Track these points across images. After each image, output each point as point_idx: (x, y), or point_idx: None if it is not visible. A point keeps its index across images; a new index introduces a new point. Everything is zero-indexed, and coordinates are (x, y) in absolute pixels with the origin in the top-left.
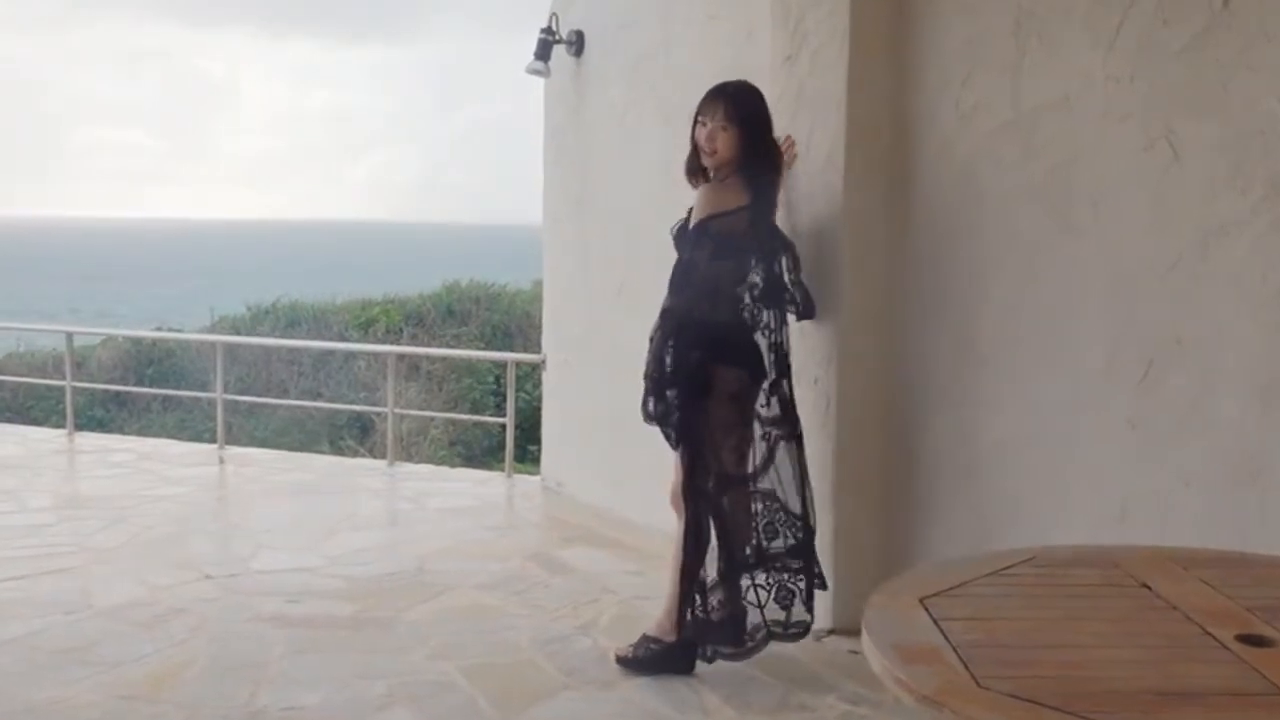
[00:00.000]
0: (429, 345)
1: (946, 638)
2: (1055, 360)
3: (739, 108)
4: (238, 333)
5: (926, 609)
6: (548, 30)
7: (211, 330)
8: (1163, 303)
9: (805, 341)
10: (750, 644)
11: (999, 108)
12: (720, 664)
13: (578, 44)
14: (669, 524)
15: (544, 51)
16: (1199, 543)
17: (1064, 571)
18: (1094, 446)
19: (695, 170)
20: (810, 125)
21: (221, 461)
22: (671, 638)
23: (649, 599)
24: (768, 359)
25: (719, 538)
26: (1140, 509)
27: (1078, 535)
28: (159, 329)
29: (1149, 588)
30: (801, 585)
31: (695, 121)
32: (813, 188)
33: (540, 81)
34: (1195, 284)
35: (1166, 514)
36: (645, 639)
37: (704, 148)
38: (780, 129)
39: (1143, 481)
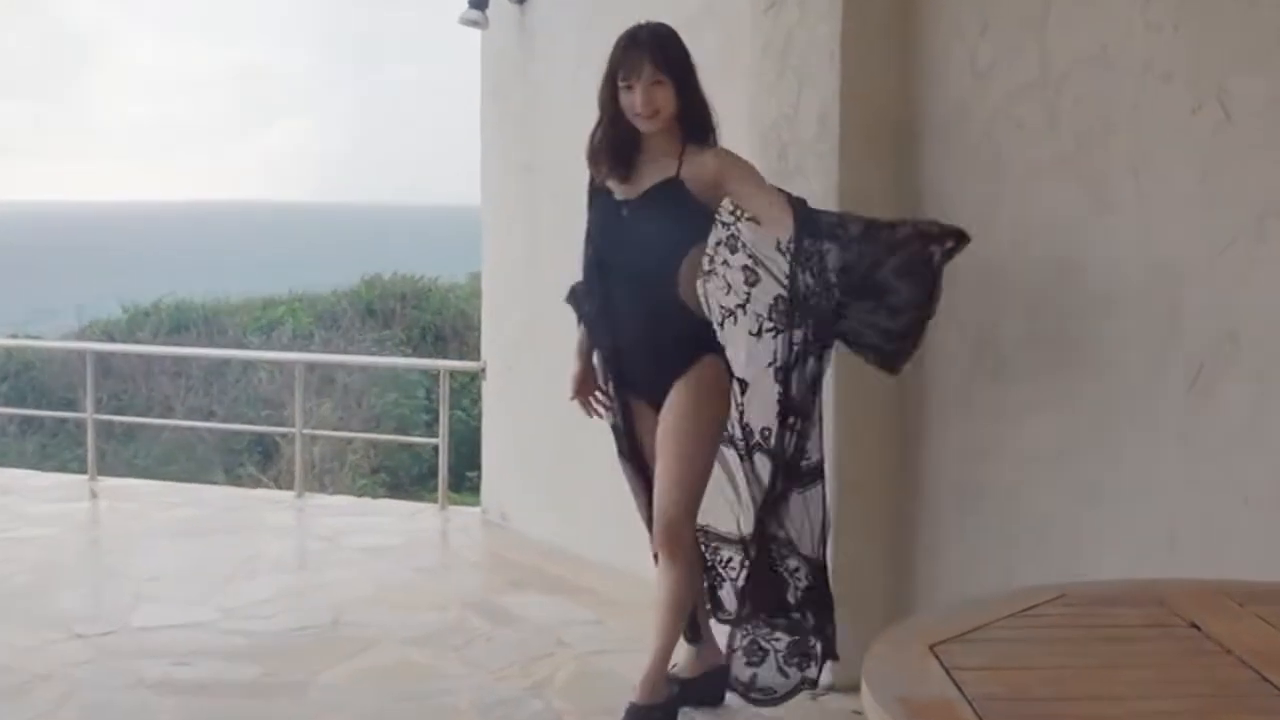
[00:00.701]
0: (345, 352)
1: (961, 690)
2: (1089, 363)
3: (668, 53)
4: (112, 339)
5: (938, 657)
6: None
7: (79, 337)
8: (1215, 293)
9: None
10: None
11: (1022, 64)
12: None
13: None
14: (634, 564)
15: None
16: (1259, 573)
17: (1099, 611)
18: (1136, 463)
19: (621, 149)
20: (799, 85)
21: (94, 495)
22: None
23: (611, 653)
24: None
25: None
26: (1191, 535)
27: (1118, 568)
28: (14, 336)
29: (1198, 628)
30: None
31: (611, 88)
32: (803, 160)
33: (477, 34)
34: (1252, 270)
35: (1222, 541)
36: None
37: (640, 112)
38: (764, 87)
39: (1194, 503)
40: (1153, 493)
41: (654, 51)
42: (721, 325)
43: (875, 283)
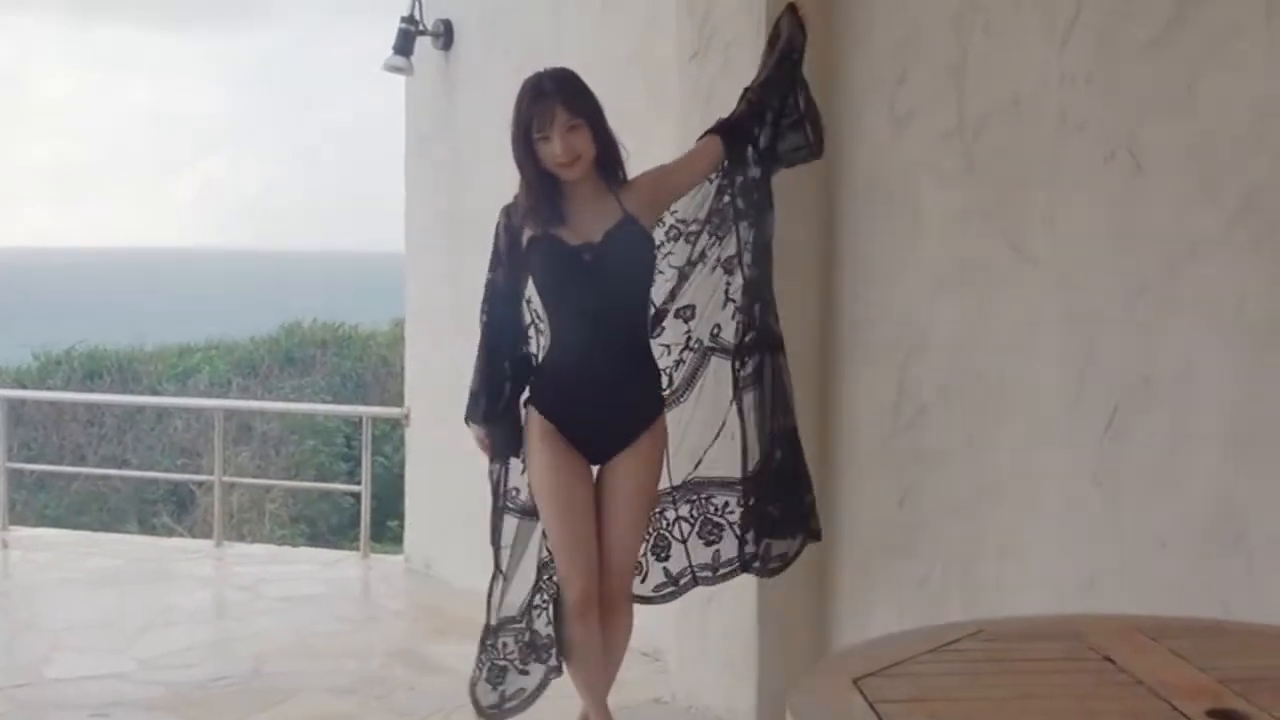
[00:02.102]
0: (263, 399)
1: None
2: (1008, 407)
3: (577, 96)
4: (23, 387)
5: (861, 691)
6: (409, 19)
7: None
8: (1128, 337)
9: (721, 390)
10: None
11: (939, 113)
12: None
13: (445, 35)
14: None
15: (405, 44)
16: (1177, 611)
17: (1017, 645)
18: (1055, 506)
19: (545, 204)
20: None
21: (4, 545)
22: None
23: (544, 697)
24: None
25: None
26: (1110, 576)
27: (1038, 607)
28: None
29: (1112, 661)
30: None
31: (525, 142)
32: None
33: (401, 80)
34: (1164, 315)
35: (1139, 583)
36: None
37: (560, 160)
38: (686, 134)
39: (1112, 545)
40: (1070, 536)
41: (564, 98)
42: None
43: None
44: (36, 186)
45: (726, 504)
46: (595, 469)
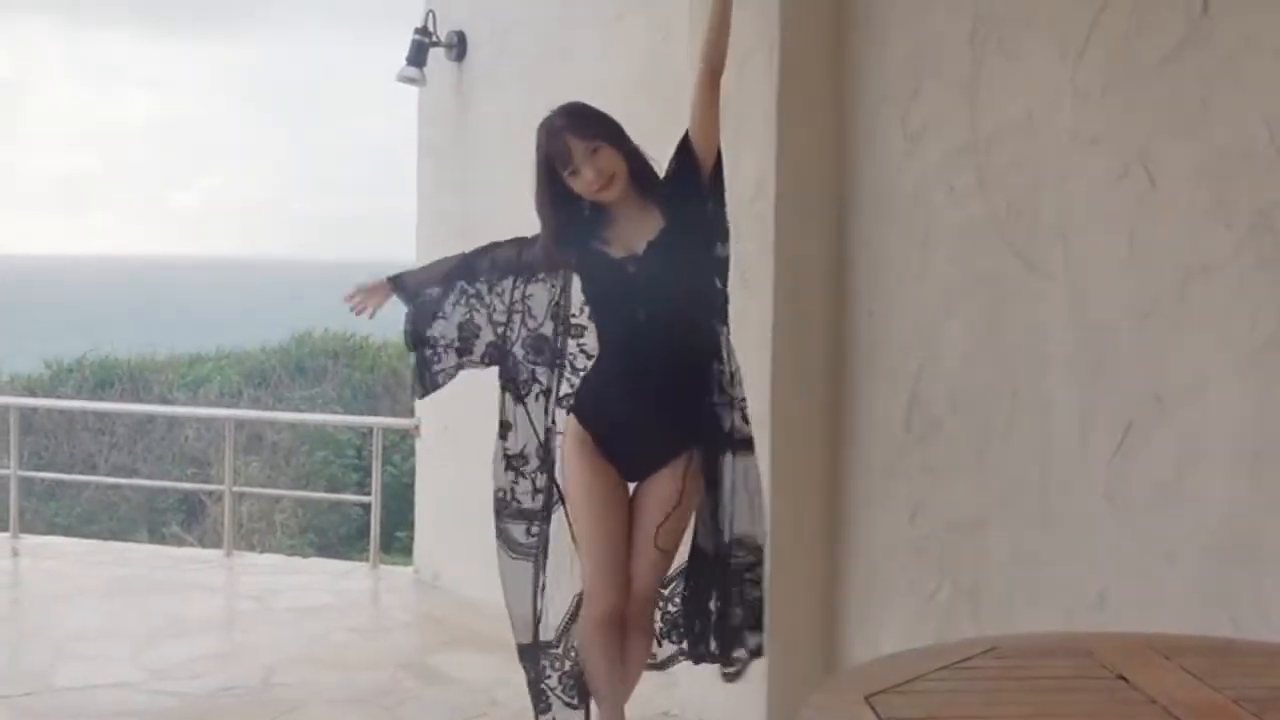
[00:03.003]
0: (274, 410)
1: None
2: (1020, 423)
3: (590, 123)
4: (34, 395)
5: (873, 708)
6: (423, 31)
7: (1, 392)
8: (1140, 355)
9: None
10: None
11: (952, 128)
12: None
13: (459, 47)
14: None
15: (418, 56)
16: (1187, 628)
17: (1030, 663)
18: (1066, 523)
19: (585, 222)
20: (735, 147)
21: (15, 554)
22: None
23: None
24: None
25: None
26: (1121, 593)
27: (1049, 624)
28: None
29: (1125, 679)
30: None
31: (551, 180)
32: (739, 221)
33: (414, 91)
34: (1175, 332)
35: (1150, 599)
36: None
37: (595, 186)
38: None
39: (1123, 562)
40: (1082, 552)
41: (576, 129)
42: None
43: None
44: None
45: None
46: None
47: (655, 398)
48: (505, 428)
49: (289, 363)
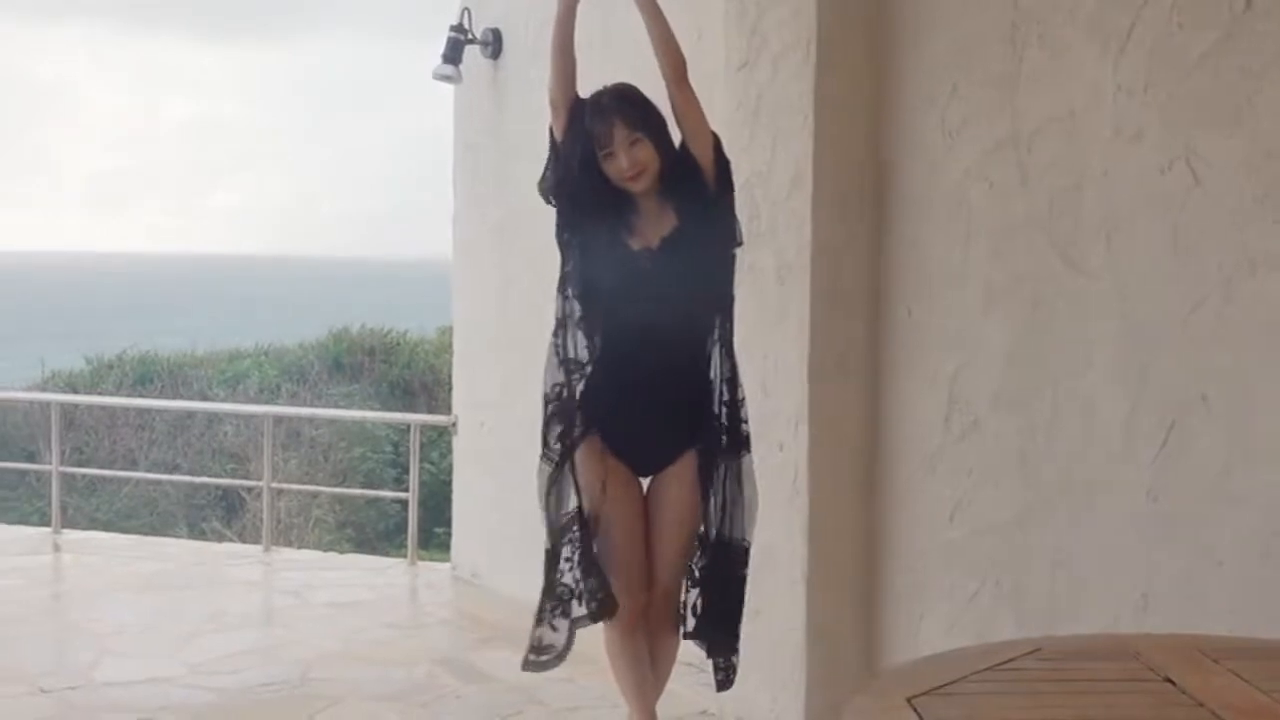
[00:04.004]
0: (312, 406)
1: None
2: (1062, 422)
3: (635, 111)
4: (75, 391)
5: (916, 710)
6: (459, 28)
7: (43, 388)
8: (1185, 353)
9: (769, 401)
10: None
11: (993, 124)
12: None
13: (494, 44)
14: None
15: (454, 53)
16: (1233, 630)
17: (1074, 665)
18: (1109, 523)
19: (608, 211)
20: (772, 143)
21: (56, 549)
22: None
23: (583, 710)
24: None
25: None
26: (1164, 595)
27: (1092, 626)
28: None
29: (1172, 682)
30: None
31: (589, 158)
32: (775, 218)
33: (450, 89)
34: (1221, 330)
35: (1194, 601)
36: None
37: (627, 174)
38: (737, 147)
39: (1166, 563)
40: (1125, 553)
41: (623, 113)
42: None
43: None
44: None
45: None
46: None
47: (663, 392)
48: (560, 326)
49: (326, 359)
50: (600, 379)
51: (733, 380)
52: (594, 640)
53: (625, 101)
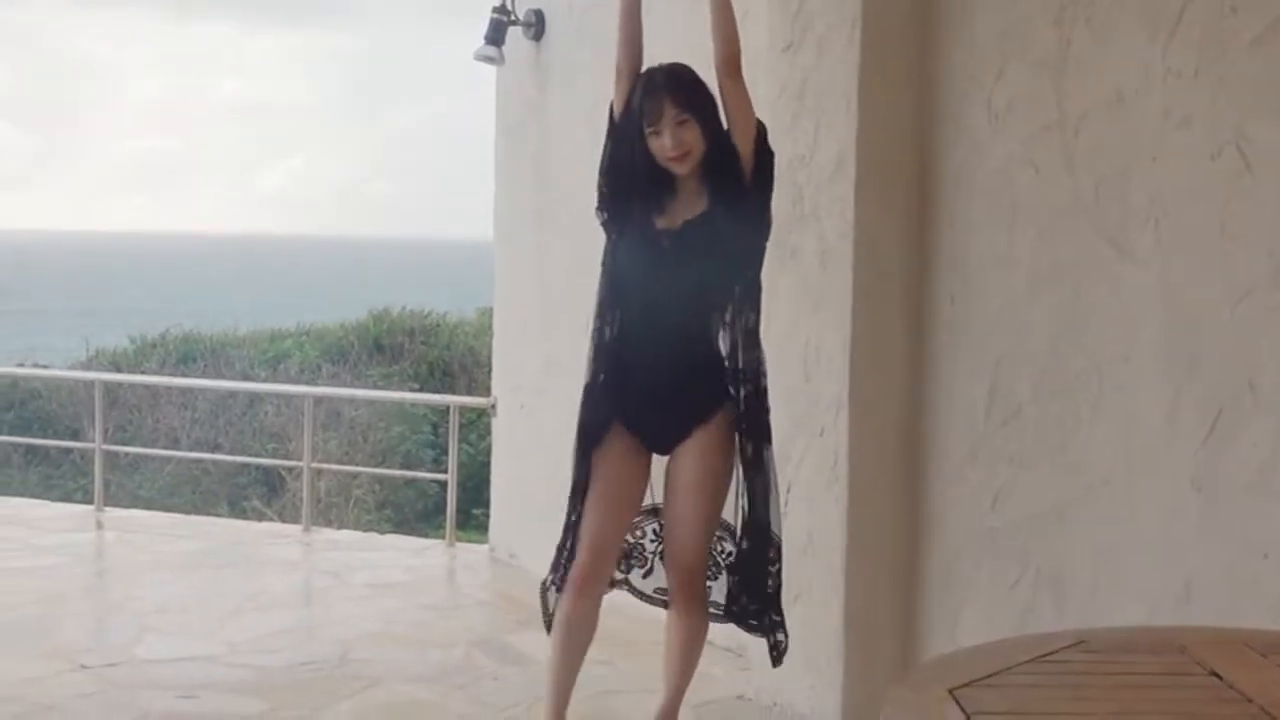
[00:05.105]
0: (352, 387)
1: None
2: (1106, 410)
3: (688, 91)
4: (119, 370)
5: (957, 702)
6: (501, 10)
7: (87, 367)
8: (1233, 341)
9: (809, 386)
10: None
11: (1039, 108)
12: None
13: (537, 26)
14: (647, 605)
15: (497, 34)
16: (1277, 623)
17: (1119, 658)
18: (1152, 513)
19: (647, 189)
20: (815, 126)
21: (99, 526)
22: None
23: (620, 694)
24: None
25: None
26: (1207, 586)
27: (1133, 617)
28: (20, 365)
29: (1219, 676)
30: None
31: (634, 134)
32: (818, 201)
33: (492, 71)
34: (1270, 318)
35: (1239, 592)
36: None
37: (670, 155)
38: (779, 129)
39: (1210, 554)
40: (1168, 543)
41: (674, 92)
42: None
43: None
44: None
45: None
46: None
47: (670, 372)
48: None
49: (367, 340)
50: (617, 356)
51: (756, 370)
52: (633, 624)
53: (677, 81)
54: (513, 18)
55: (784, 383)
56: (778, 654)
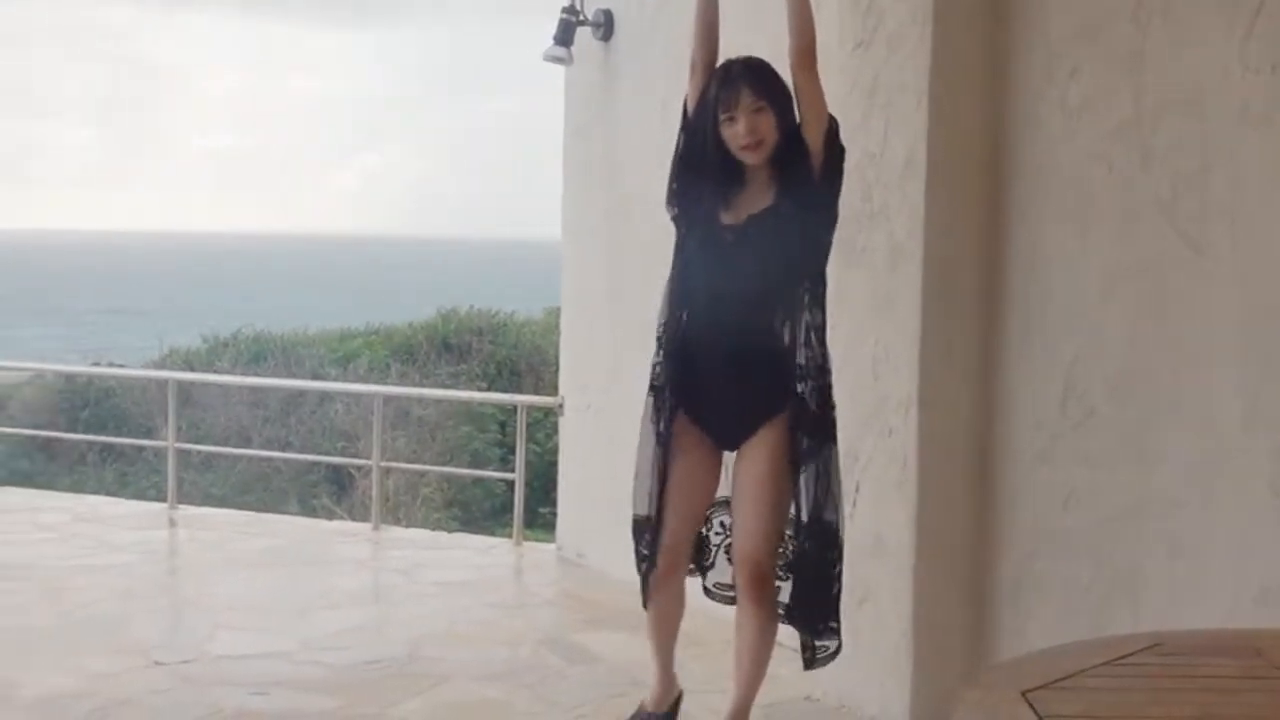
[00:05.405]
0: (420, 385)
1: None
2: (1182, 411)
3: (765, 81)
4: (191, 369)
5: (1031, 705)
6: (570, 10)
7: (160, 366)
8: None
9: (878, 385)
10: None
11: (1115, 105)
12: None
13: (606, 26)
14: (716, 604)
15: (565, 35)
16: None
17: (1195, 661)
18: (1228, 514)
19: (718, 182)
20: (886, 124)
21: (172, 524)
22: None
23: (689, 693)
24: None
25: None
26: None
27: (1208, 620)
28: (96, 364)
29: None
30: None
31: (708, 123)
32: (888, 199)
33: (561, 71)
34: None
35: None
36: None
37: (744, 143)
38: (850, 126)
39: None
40: (1244, 546)
41: (751, 81)
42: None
43: None
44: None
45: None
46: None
47: (735, 368)
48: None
49: (435, 339)
50: (682, 351)
51: (820, 367)
52: (703, 622)
53: (754, 71)
54: (581, 17)
55: (853, 382)
56: (818, 657)
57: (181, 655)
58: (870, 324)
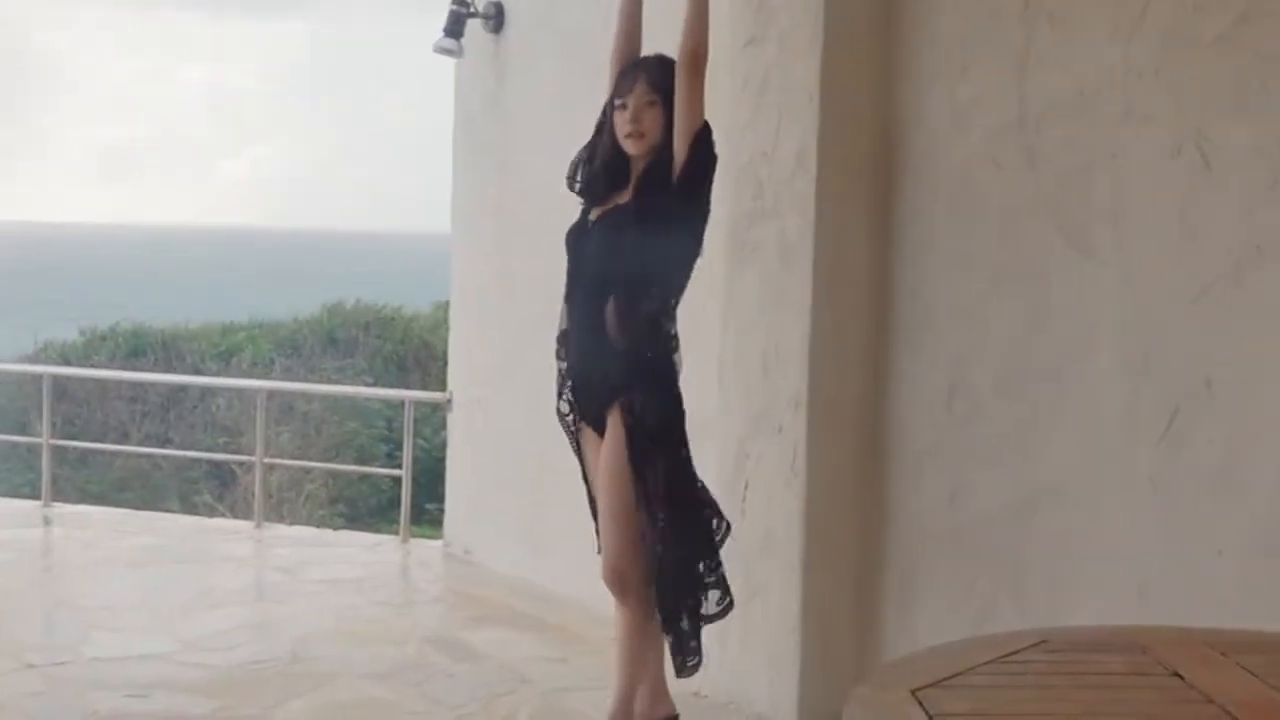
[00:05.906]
0: (306, 380)
1: None
2: (1064, 408)
3: (662, 76)
4: (67, 362)
5: (920, 703)
6: (460, 2)
7: (35, 360)
8: (1190, 338)
9: (768, 382)
10: None
11: (1001, 104)
12: None
13: (496, 18)
14: (604, 601)
15: (455, 27)
16: (1233, 623)
17: (1081, 658)
18: (1110, 510)
19: (604, 172)
20: (777, 122)
21: (47, 522)
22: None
23: (574, 691)
24: None
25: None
26: (1164, 583)
27: (1090, 614)
28: None
29: (1181, 677)
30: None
31: (607, 111)
32: (779, 197)
33: (451, 63)
34: (1227, 316)
35: (1195, 589)
36: None
37: (625, 130)
38: (741, 124)
39: (1167, 551)
40: (1124, 540)
41: (650, 74)
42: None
43: None
44: (88, 166)
45: None
46: None
47: (585, 363)
48: None
49: (320, 333)
50: (564, 345)
51: (661, 369)
52: (590, 619)
53: (657, 66)
54: (472, 10)
55: (743, 380)
56: (688, 664)
57: (56, 657)
58: (761, 321)
